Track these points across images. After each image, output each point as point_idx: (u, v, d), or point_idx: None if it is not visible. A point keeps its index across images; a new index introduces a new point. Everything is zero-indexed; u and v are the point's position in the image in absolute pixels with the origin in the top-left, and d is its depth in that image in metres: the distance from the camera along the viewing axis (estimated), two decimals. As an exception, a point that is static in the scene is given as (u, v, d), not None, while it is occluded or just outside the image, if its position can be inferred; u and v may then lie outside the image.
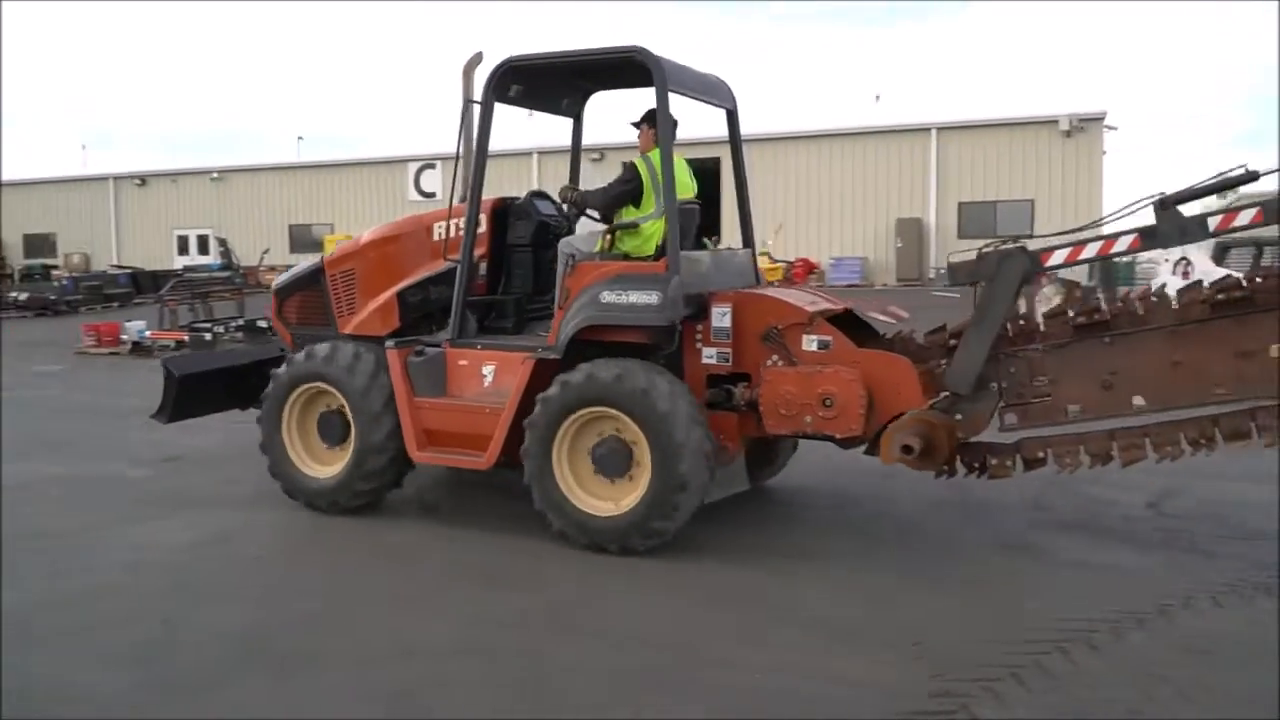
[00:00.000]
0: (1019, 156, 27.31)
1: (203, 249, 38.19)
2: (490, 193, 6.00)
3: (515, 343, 5.66)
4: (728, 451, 5.31)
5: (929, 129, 28.52)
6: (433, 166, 35.88)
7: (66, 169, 44.98)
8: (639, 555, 4.98)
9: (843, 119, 32.10)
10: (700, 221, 6.07)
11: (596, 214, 5.86)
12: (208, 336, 16.19)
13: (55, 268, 35.63)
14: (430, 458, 5.65)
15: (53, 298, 24.31)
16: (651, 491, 4.93)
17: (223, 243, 30.11)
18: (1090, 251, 5.07)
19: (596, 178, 7.16)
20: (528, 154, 33.46)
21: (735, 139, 6.46)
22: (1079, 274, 14.91)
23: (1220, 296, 4.66)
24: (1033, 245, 5.02)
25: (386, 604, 4.45)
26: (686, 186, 5.84)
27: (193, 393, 6.59)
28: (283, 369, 5.99)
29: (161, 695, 3.53)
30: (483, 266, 5.99)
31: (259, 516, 5.87)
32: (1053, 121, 26.35)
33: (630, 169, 5.72)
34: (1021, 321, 5.14)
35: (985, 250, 5.03)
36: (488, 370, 5.58)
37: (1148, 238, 4.87)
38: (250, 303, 20.29)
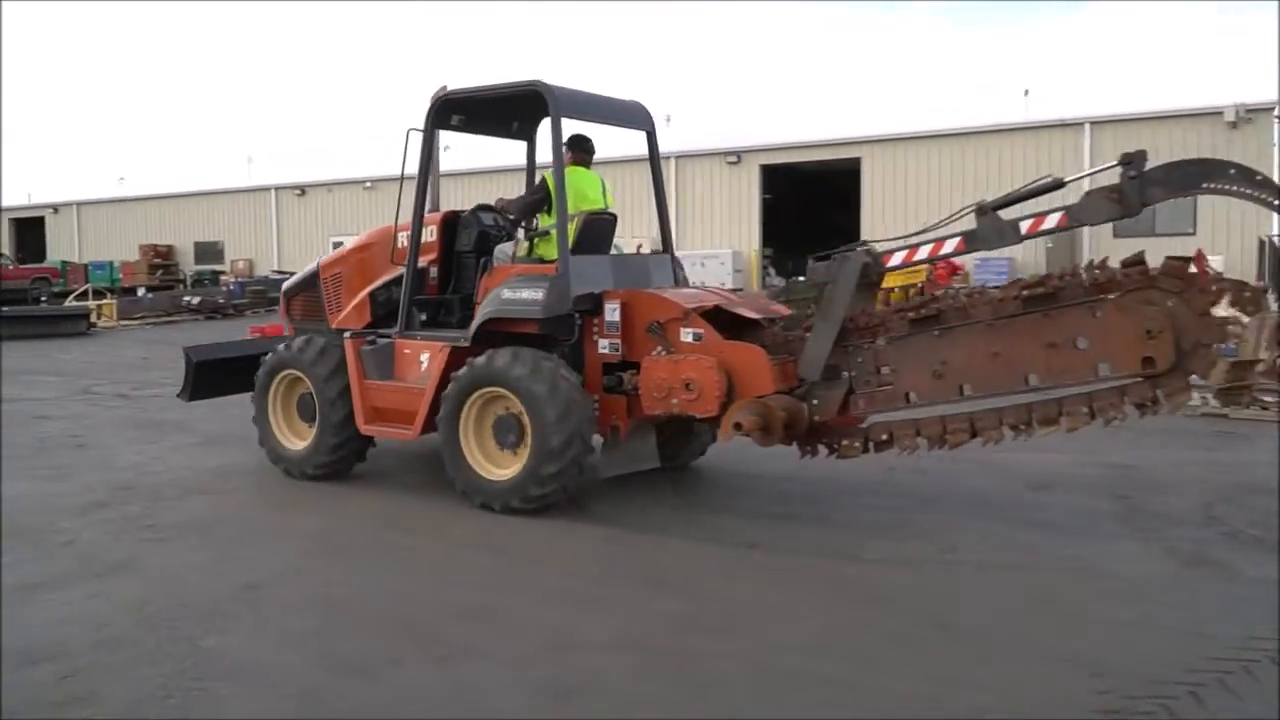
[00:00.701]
0: (1179, 150, 25.75)
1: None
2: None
3: (442, 334, 6.47)
4: (618, 431, 6.07)
5: (1081, 124, 27.29)
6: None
7: (233, 180, 47.83)
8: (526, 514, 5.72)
9: (990, 115, 30.98)
10: (663, 230, 7.43)
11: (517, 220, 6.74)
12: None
13: (223, 273, 37.86)
14: (374, 431, 6.61)
15: (221, 301, 25.90)
16: (530, 461, 5.72)
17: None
18: (923, 254, 5.69)
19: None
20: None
21: (654, 157, 7.31)
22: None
23: (1026, 293, 5.19)
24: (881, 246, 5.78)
25: (547, 600, 4.55)
26: (594, 199, 6.68)
27: (208, 377, 7.67)
28: (269, 358, 7.03)
29: (333, 675, 3.72)
30: (435, 270, 6.87)
31: (426, 505, 6.14)
32: (1217, 113, 24.81)
33: (540, 183, 6.53)
34: (865, 316, 5.66)
35: (835, 254, 5.74)
36: (424, 357, 6.43)
37: (970, 240, 5.45)
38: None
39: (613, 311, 6.03)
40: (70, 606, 4.42)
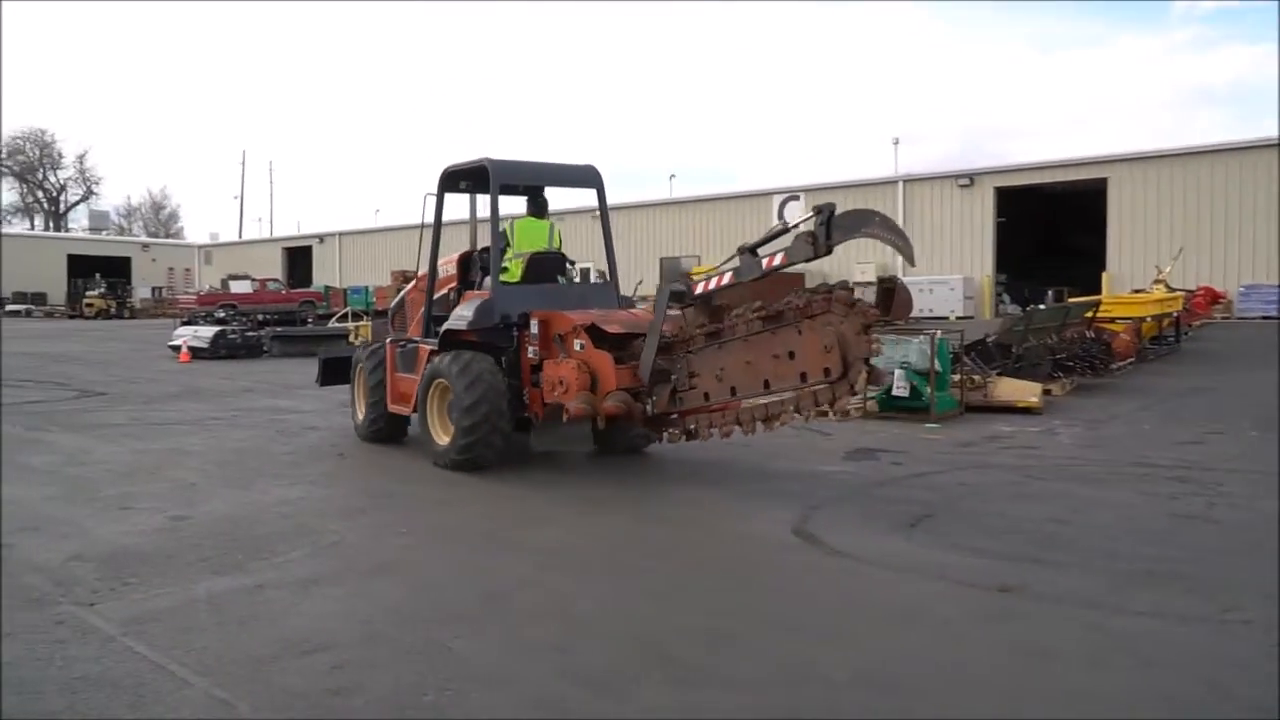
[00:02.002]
0: None
1: (584, 281, 41.33)
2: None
3: (429, 341, 8.63)
4: (537, 416, 7.96)
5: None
6: (797, 198, 36.28)
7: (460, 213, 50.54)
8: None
9: (1259, 130, 28.27)
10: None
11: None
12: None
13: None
14: (394, 409, 9.13)
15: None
16: (455, 433, 7.86)
17: (602, 275, 32.41)
18: (712, 284, 7.14)
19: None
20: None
21: (602, 209, 9.12)
22: None
23: (763, 313, 6.70)
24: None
25: (783, 630, 4.47)
26: (541, 243, 8.81)
27: (330, 370, 10.78)
28: (354, 358, 10.04)
29: (574, 686, 3.80)
30: (453, 295, 8.91)
31: (646, 529, 6.21)
32: None
33: (500, 233, 8.49)
34: (683, 332, 7.27)
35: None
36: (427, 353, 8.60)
37: (735, 273, 6.90)
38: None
39: (535, 326, 7.97)
40: (338, 602, 4.77)
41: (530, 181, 8.92)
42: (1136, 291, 21.56)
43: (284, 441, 9.87)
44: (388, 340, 9.50)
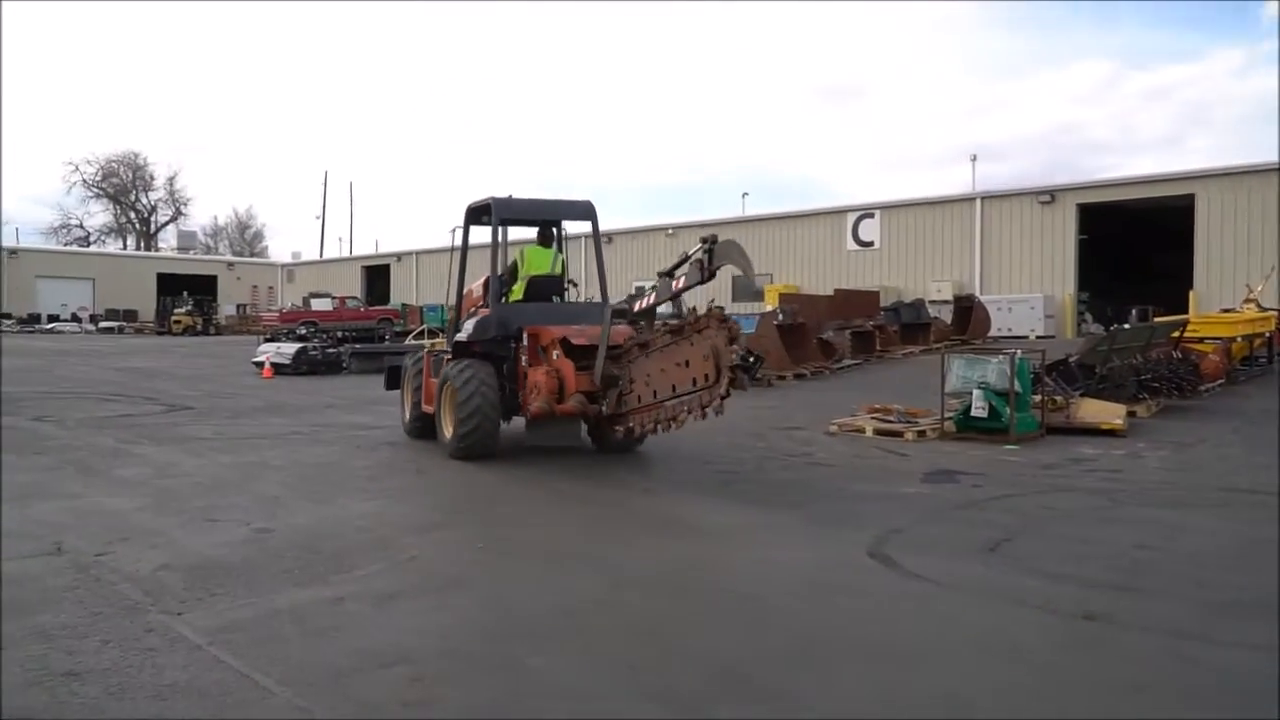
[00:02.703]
0: None
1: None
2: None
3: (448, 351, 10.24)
4: (529, 413, 9.17)
5: None
6: (871, 216, 35.94)
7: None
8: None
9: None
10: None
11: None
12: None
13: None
14: (427, 409, 10.44)
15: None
16: (454, 429, 9.36)
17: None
18: (645, 303, 8.42)
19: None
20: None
21: (596, 238, 10.45)
22: None
23: (673, 326, 8.13)
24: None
25: (866, 656, 4.39)
26: (543, 267, 10.11)
27: (394, 377, 12.24)
28: (409, 362, 11.33)
29: (651, 704, 3.78)
30: (480, 313, 10.00)
31: (723, 550, 6.17)
32: None
33: (511, 261, 10.17)
34: (630, 342, 8.57)
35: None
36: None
37: (655, 294, 8.34)
38: (699, 348, 21.59)
39: (524, 339, 9.42)
40: (416, 616, 4.83)
41: (531, 216, 10.46)
42: (1226, 311, 20.84)
43: (362, 456, 10.06)
44: (424, 350, 11.10)
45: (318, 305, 42.40)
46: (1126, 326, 16.80)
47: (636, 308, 8.59)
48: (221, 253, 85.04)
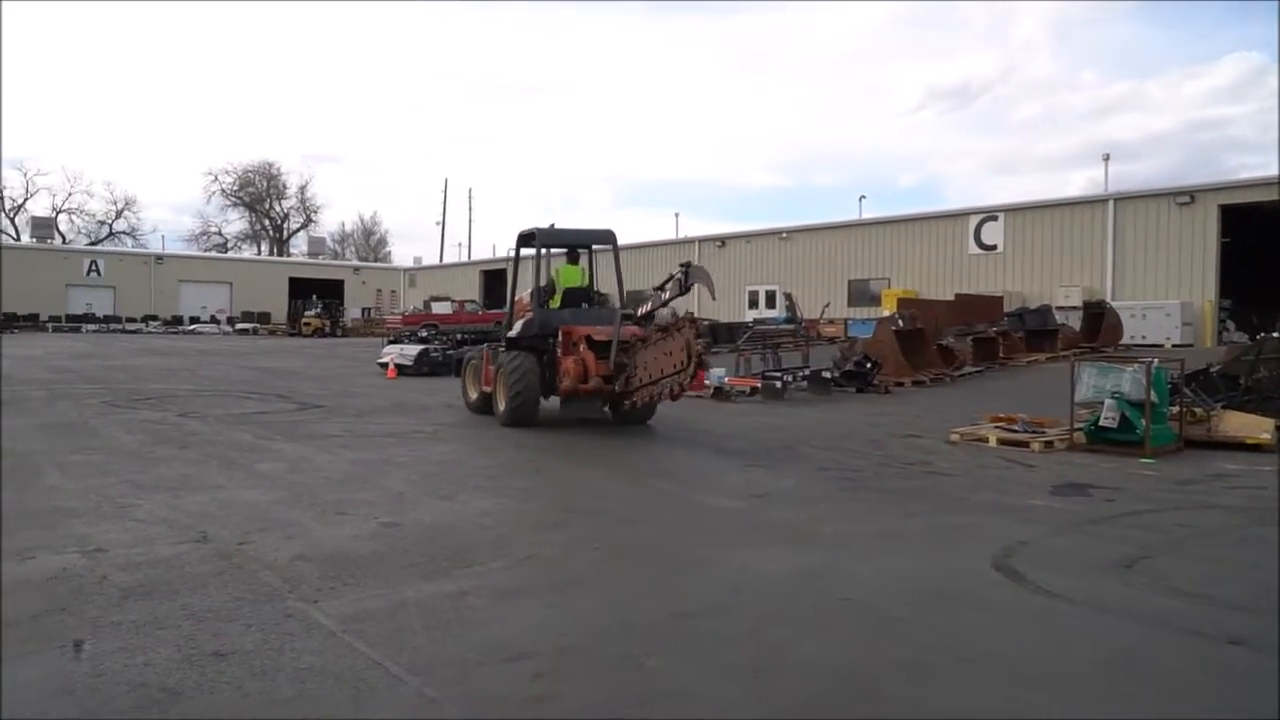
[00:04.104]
0: None
1: (769, 303, 41.22)
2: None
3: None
4: (560, 392, 12.23)
5: None
6: (995, 218, 34.89)
7: (661, 234, 51.41)
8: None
9: None
10: (593, 299, 13.40)
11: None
12: (778, 385, 17.31)
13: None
14: (487, 390, 13.25)
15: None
16: (505, 403, 12.24)
17: (788, 297, 32.18)
18: (645, 309, 12.09)
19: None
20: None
21: (616, 260, 13.28)
22: None
23: (662, 326, 11.11)
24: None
25: (985, 667, 4.28)
26: (575, 281, 13.15)
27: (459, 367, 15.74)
28: (469, 353, 14.45)
29: (775, 714, 3.76)
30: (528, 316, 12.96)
31: (841, 558, 6.09)
32: None
33: (549, 278, 13.11)
34: (636, 337, 11.59)
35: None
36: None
37: (651, 302, 11.98)
38: (814, 353, 21.37)
39: (560, 335, 12.27)
40: (536, 613, 4.92)
41: (568, 242, 13.38)
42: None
43: (482, 456, 10.31)
44: (485, 346, 14.12)
45: (438, 308, 43.61)
46: (1275, 335, 15.82)
47: (639, 313, 12.10)
48: (348, 258, 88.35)
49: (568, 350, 12.08)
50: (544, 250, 13.44)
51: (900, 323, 20.64)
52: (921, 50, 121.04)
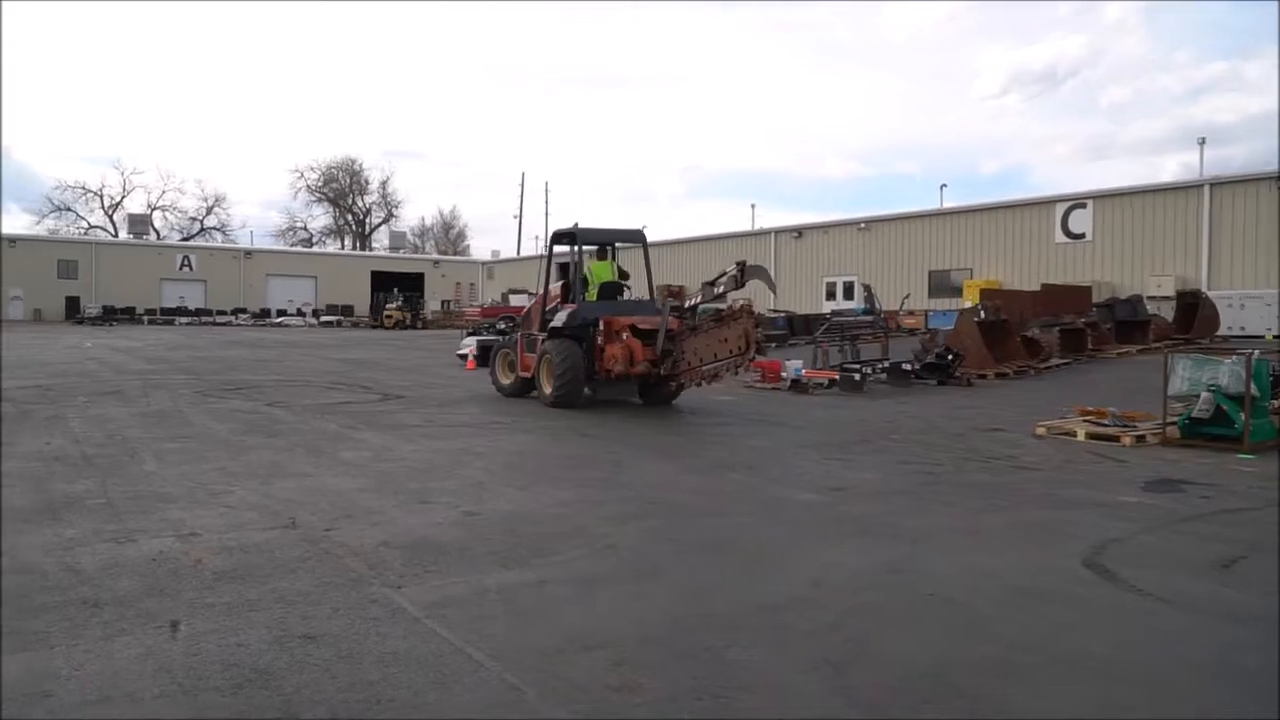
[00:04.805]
0: None
1: (848, 294, 40.70)
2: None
3: (543, 334, 14.11)
4: (602, 377, 13.55)
5: None
6: (1083, 206, 33.89)
7: (739, 225, 51.18)
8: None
9: None
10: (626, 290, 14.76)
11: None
12: (856, 377, 17.09)
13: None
14: (523, 375, 14.49)
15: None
16: (553, 386, 13.44)
17: (867, 288, 31.72)
18: (692, 302, 14.21)
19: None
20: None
21: (645, 257, 14.65)
22: None
23: (717, 316, 12.94)
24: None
25: (1079, 669, 4.17)
26: (607, 276, 14.44)
27: (486, 355, 16.85)
28: (499, 342, 16.23)
29: (855, 708, 3.71)
30: (558, 306, 14.24)
31: (923, 553, 5.99)
32: None
33: (585, 273, 14.27)
34: (681, 325, 13.23)
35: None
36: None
37: (700, 295, 13.85)
38: (894, 345, 21.04)
39: (600, 325, 13.48)
40: (614, 603, 4.94)
41: (602, 240, 14.74)
42: None
43: (559, 446, 10.39)
44: (517, 335, 15.14)
45: (516, 300, 44.04)
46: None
47: (686, 305, 13.93)
48: (428, 252, 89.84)
49: (610, 338, 13.32)
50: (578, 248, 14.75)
51: (983, 314, 20.20)
52: (1005, 33, 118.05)
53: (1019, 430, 11.67)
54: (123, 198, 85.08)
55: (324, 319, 63.72)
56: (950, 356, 18.06)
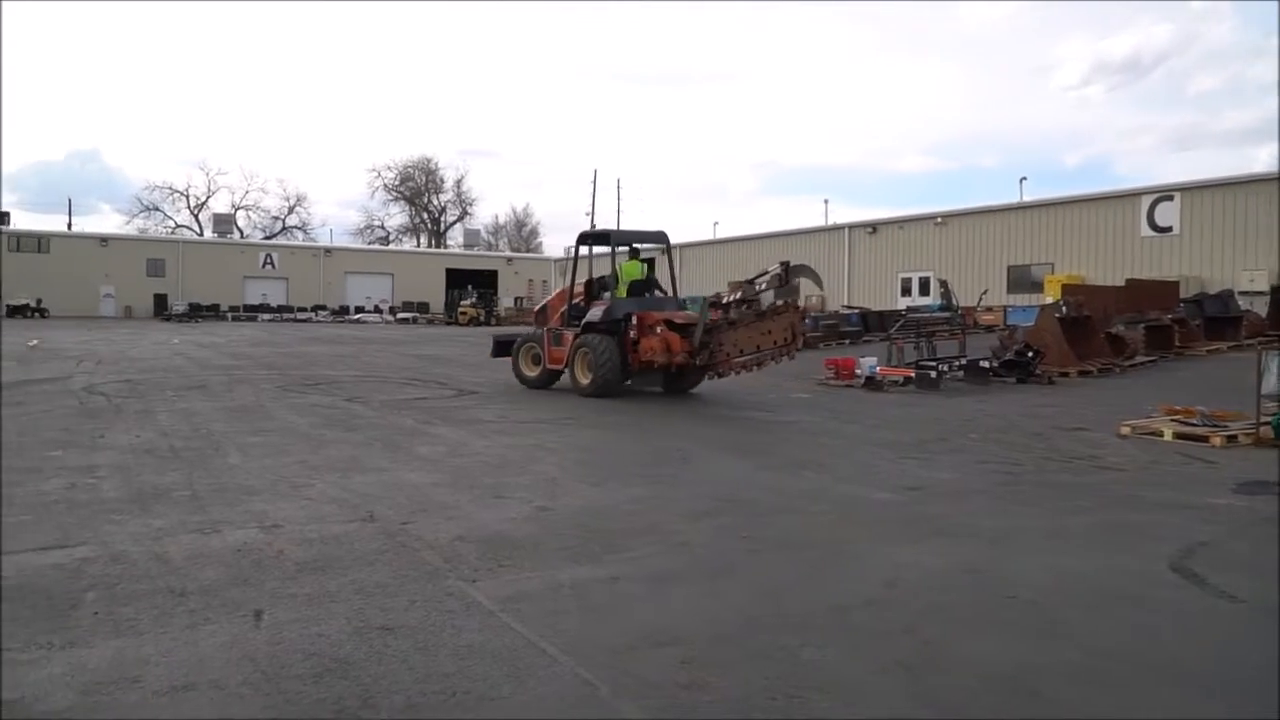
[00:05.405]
0: None
1: (923, 290, 40.02)
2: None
3: (575, 329, 14.99)
4: (634, 368, 14.47)
5: None
6: (1170, 198, 32.77)
7: (812, 220, 50.62)
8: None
9: None
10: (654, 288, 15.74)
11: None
12: (932, 375, 16.79)
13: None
14: (552, 367, 15.56)
15: (798, 334, 27.51)
16: (593, 377, 14.38)
17: (943, 284, 31.09)
18: (733, 298, 14.86)
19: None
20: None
21: (669, 257, 16.15)
22: None
23: (759, 311, 13.92)
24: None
25: (1166, 678, 4.04)
26: (636, 275, 15.45)
27: (502, 347, 17.16)
28: (520, 339, 16.62)
29: (931, 712, 3.64)
30: (582, 303, 15.32)
31: (1002, 554, 5.86)
32: None
33: (613, 271, 15.21)
34: (716, 321, 14.23)
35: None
36: (569, 337, 15.12)
37: (743, 291, 14.59)
38: (971, 342, 20.62)
39: (632, 320, 14.40)
40: (687, 600, 4.94)
41: (630, 241, 15.90)
42: None
43: (630, 443, 10.42)
44: (545, 330, 15.85)
45: (588, 297, 44.08)
46: None
47: (725, 300, 14.80)
48: (501, 249, 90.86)
49: (644, 332, 14.32)
50: (597, 249, 16.47)
51: (1065, 310, 19.66)
52: (1087, 22, 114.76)
53: (1102, 430, 11.34)
54: (208, 198, 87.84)
55: (400, 316, 64.88)
56: (1030, 354, 17.63)
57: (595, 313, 14.75)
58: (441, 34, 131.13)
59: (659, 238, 16.27)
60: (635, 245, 15.93)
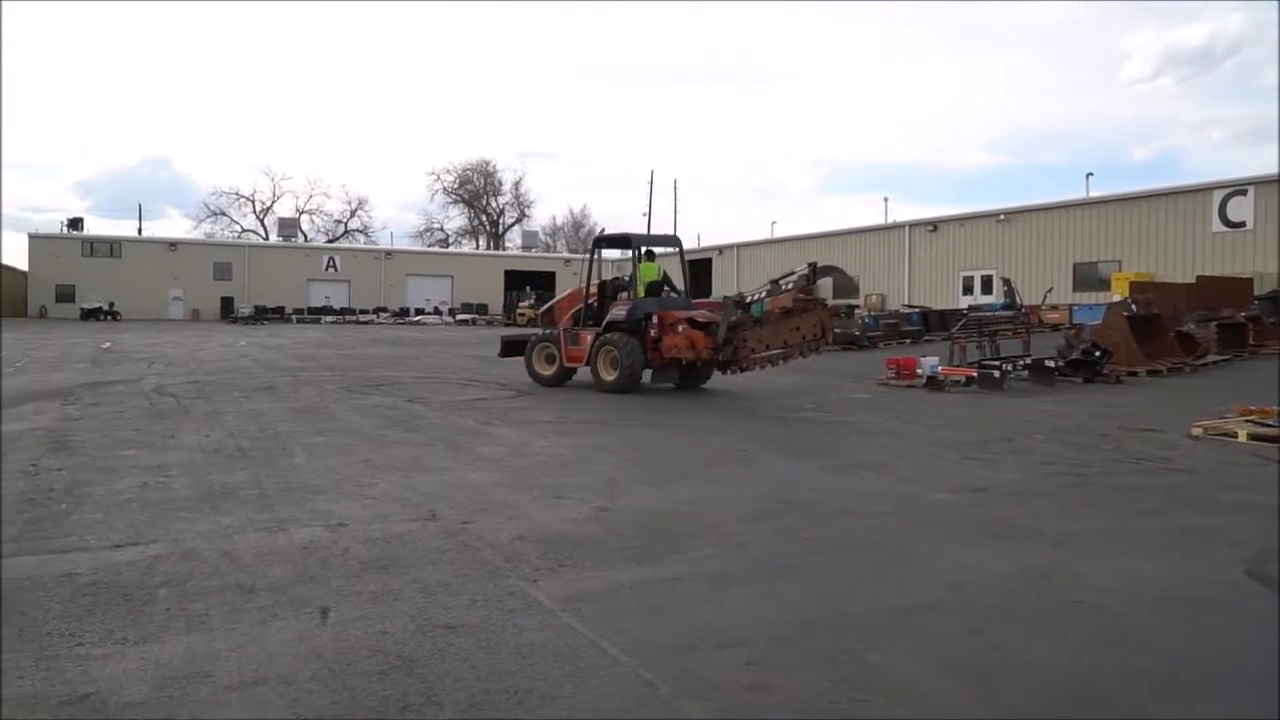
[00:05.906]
0: None
1: (985, 289, 39.37)
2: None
3: (594, 328, 15.81)
4: (654, 364, 15.35)
5: None
6: (1243, 193, 31.83)
7: (871, 219, 50.10)
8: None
9: None
10: (679, 287, 16.75)
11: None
12: (995, 374, 16.51)
13: (857, 307, 39.94)
14: (570, 365, 16.36)
15: (857, 333, 27.26)
16: (618, 374, 15.15)
17: (1006, 282, 30.54)
18: (752, 298, 15.05)
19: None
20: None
21: (682, 259, 17.62)
22: None
23: (787, 306, 14.44)
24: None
25: (1244, 687, 3.92)
26: (653, 277, 16.17)
27: (511, 347, 17.86)
28: (533, 339, 17.28)
29: (996, 715, 3.59)
30: (596, 304, 16.20)
31: (1070, 557, 5.73)
32: None
33: (632, 273, 16.13)
34: (739, 319, 14.85)
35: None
36: (587, 336, 15.95)
37: (768, 293, 14.79)
38: (1035, 341, 20.23)
39: (653, 320, 15.19)
40: (748, 601, 4.92)
41: (646, 245, 16.59)
42: None
43: (691, 444, 10.40)
44: (560, 330, 16.50)
45: (644, 298, 44.12)
46: None
47: (749, 299, 14.89)
48: (559, 251, 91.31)
49: (665, 330, 15.10)
50: (612, 252, 18.08)
51: (1133, 308, 19.21)
52: (1156, 12, 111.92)
53: (1173, 431, 11.05)
54: (273, 202, 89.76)
55: (459, 317, 65.61)
56: (1098, 353, 17.24)
57: (618, 312, 15.50)
58: (499, 38, 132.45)
59: (672, 241, 17.68)
60: (650, 248, 16.73)
